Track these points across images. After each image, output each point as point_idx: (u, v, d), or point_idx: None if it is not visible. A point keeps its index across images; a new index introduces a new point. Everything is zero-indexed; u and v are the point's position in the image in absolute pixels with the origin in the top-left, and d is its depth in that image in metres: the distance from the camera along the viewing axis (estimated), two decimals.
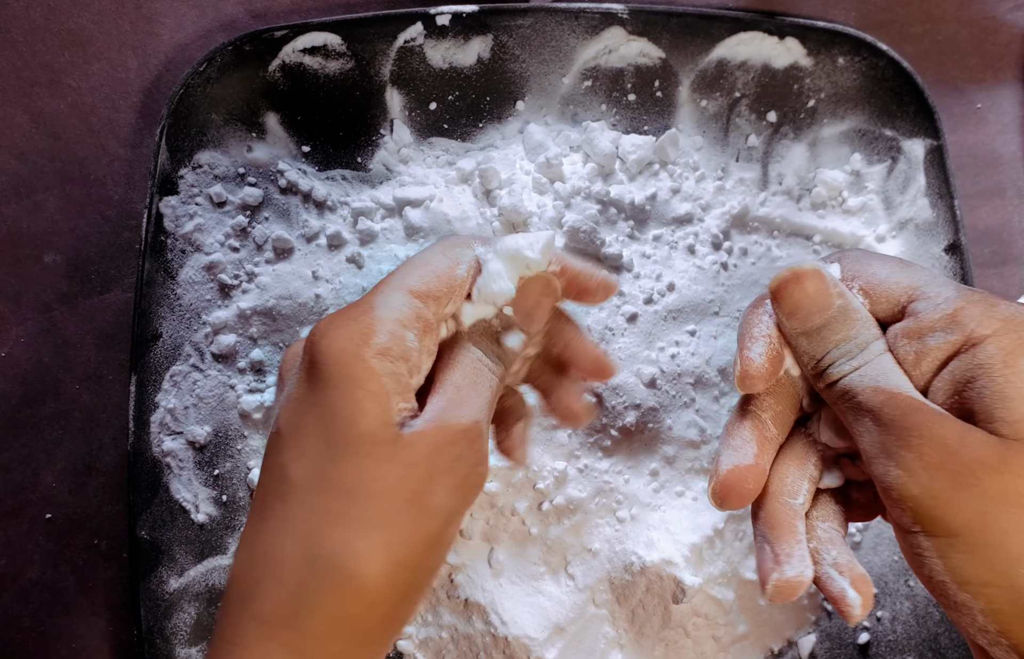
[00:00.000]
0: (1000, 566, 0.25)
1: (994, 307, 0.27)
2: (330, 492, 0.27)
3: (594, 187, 0.43)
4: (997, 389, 0.26)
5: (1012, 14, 0.47)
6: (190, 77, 0.44)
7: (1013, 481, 0.25)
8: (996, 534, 0.25)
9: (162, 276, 0.44)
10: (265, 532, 0.27)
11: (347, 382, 0.27)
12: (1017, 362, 0.26)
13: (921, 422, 0.27)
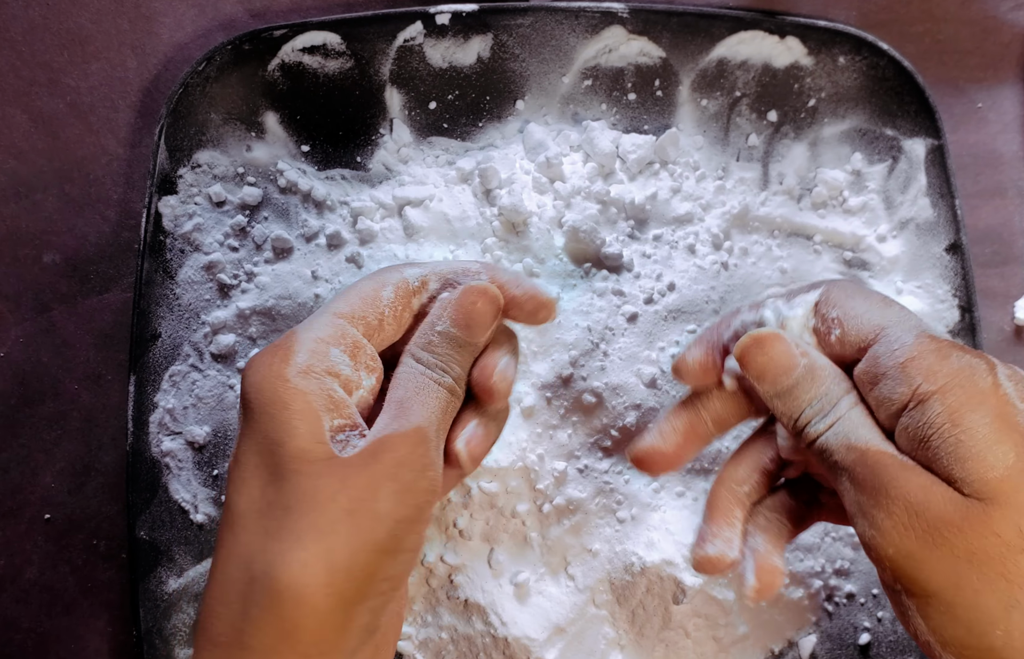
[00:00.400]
0: (977, 627, 0.25)
1: (944, 360, 0.28)
2: (269, 513, 0.27)
3: (594, 187, 0.43)
4: (950, 449, 0.26)
5: (1013, 13, 0.47)
6: (189, 76, 0.44)
7: (978, 540, 0.25)
8: (970, 594, 0.25)
9: (161, 276, 0.44)
10: (216, 562, 0.28)
11: (273, 406, 0.28)
12: (964, 420, 0.26)
13: (889, 481, 0.27)
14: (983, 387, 0.27)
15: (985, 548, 0.25)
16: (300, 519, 0.27)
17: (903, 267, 0.45)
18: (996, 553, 0.25)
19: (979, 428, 0.26)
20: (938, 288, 0.44)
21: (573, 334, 0.42)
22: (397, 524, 0.28)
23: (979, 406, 0.27)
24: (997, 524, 0.25)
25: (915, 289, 0.44)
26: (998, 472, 0.26)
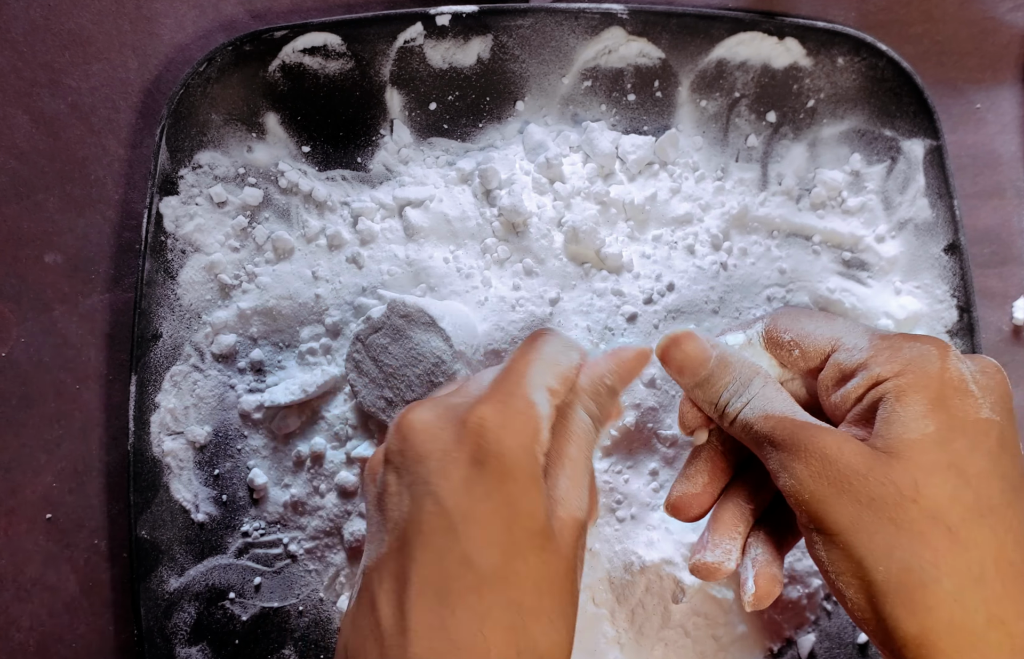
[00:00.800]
0: (865, 563, 0.28)
1: (899, 351, 0.31)
2: (522, 586, 0.28)
3: (594, 187, 0.43)
4: (885, 415, 0.30)
5: (1011, 14, 0.47)
6: (190, 77, 0.44)
7: (878, 487, 0.29)
8: (864, 534, 0.29)
9: (162, 276, 0.44)
10: (461, 621, 0.27)
11: (527, 478, 0.29)
12: (907, 396, 0.30)
13: (806, 437, 0.31)
14: (930, 371, 0.30)
15: (882, 494, 0.29)
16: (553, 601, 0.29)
17: (902, 267, 0.45)
18: (891, 500, 0.28)
19: (915, 404, 0.30)
20: (937, 288, 0.44)
21: (573, 334, 0.42)
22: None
23: (923, 388, 0.30)
24: (896, 474, 0.29)
25: (914, 289, 0.45)
26: (911, 436, 0.29)
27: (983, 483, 0.29)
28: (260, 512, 0.44)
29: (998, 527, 0.28)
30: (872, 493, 0.29)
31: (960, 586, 0.27)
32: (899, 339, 0.32)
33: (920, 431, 0.29)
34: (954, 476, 0.29)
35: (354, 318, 0.43)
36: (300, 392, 0.43)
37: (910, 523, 0.28)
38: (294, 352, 0.44)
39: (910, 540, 0.28)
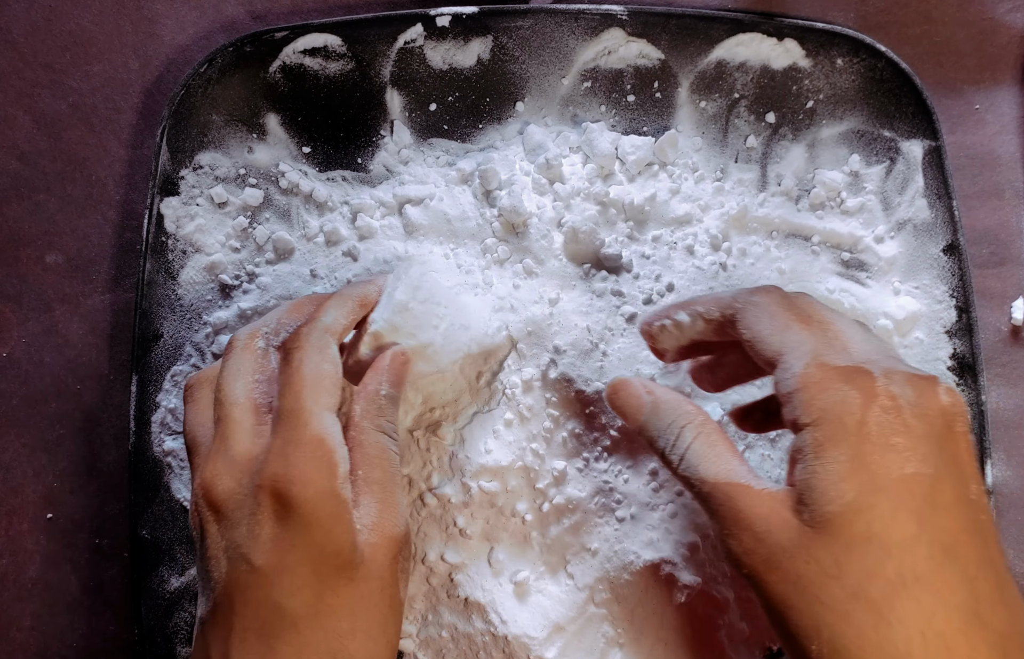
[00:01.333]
0: (798, 641, 0.28)
1: (823, 393, 0.29)
2: (337, 615, 0.31)
3: (594, 188, 0.44)
4: (806, 479, 0.29)
5: (1010, 15, 0.48)
6: (191, 78, 0.44)
7: (803, 567, 0.28)
8: (795, 613, 0.28)
9: (163, 277, 0.44)
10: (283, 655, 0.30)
11: (328, 521, 0.31)
12: (824, 453, 0.29)
13: (735, 511, 0.30)
14: (849, 424, 0.29)
15: (807, 573, 0.28)
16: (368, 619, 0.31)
17: (901, 268, 0.45)
18: (815, 579, 0.28)
19: (833, 463, 0.28)
20: (935, 289, 0.44)
21: (572, 334, 0.42)
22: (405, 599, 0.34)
23: (840, 442, 0.28)
24: (818, 551, 0.28)
25: (912, 290, 0.45)
26: (834, 508, 0.28)
27: (907, 551, 0.27)
28: None
29: (924, 598, 0.27)
30: (798, 571, 0.28)
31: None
32: (831, 378, 0.30)
33: (840, 501, 0.28)
34: (875, 548, 0.27)
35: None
36: None
37: (834, 602, 0.27)
38: None
39: (835, 619, 0.27)
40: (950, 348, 0.44)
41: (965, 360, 0.44)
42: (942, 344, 0.44)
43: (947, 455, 0.29)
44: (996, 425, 0.45)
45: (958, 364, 0.44)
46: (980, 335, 0.44)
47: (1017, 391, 0.46)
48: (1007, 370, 0.46)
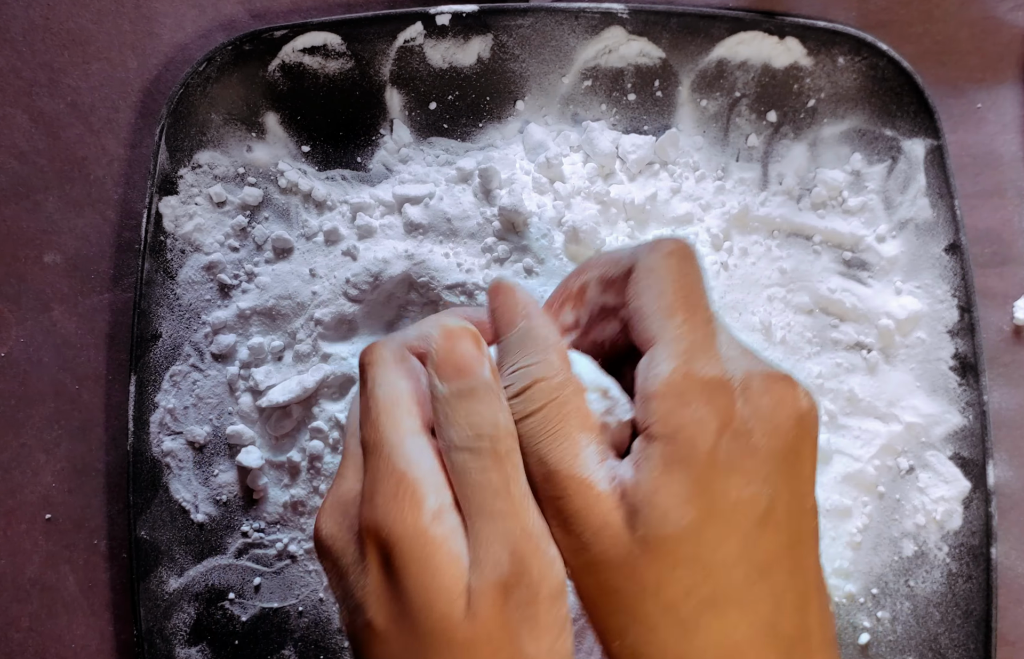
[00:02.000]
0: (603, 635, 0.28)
1: (683, 407, 0.27)
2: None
3: (594, 187, 0.43)
4: (646, 491, 0.27)
5: (1012, 14, 0.47)
6: (190, 77, 0.44)
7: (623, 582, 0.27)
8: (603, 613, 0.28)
9: (162, 276, 0.44)
10: None
11: (415, 565, 0.27)
12: (672, 473, 0.27)
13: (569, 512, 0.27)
14: (701, 448, 0.27)
15: (624, 588, 0.27)
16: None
17: (902, 267, 0.45)
18: (631, 594, 0.27)
19: (677, 485, 0.27)
20: (937, 288, 0.44)
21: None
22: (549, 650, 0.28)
23: (689, 465, 0.27)
24: (643, 571, 0.27)
25: (914, 289, 0.44)
26: (670, 530, 0.27)
27: (726, 572, 0.27)
28: (260, 512, 0.44)
29: (730, 614, 0.27)
30: (617, 585, 0.27)
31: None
32: (694, 391, 0.27)
33: (677, 524, 0.27)
34: (698, 569, 0.27)
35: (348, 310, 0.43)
36: (299, 389, 0.43)
37: (645, 616, 0.27)
38: (292, 352, 0.44)
39: (642, 631, 0.27)
40: (952, 348, 0.44)
41: (967, 360, 0.43)
42: (944, 344, 0.44)
43: (791, 470, 0.28)
44: (998, 425, 0.45)
45: (960, 364, 0.44)
46: (982, 335, 0.43)
47: (1019, 391, 0.46)
48: (1009, 370, 0.46)
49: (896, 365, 0.44)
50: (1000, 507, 0.44)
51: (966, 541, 0.43)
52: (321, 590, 0.43)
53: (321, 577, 0.43)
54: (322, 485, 0.43)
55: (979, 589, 0.42)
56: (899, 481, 0.44)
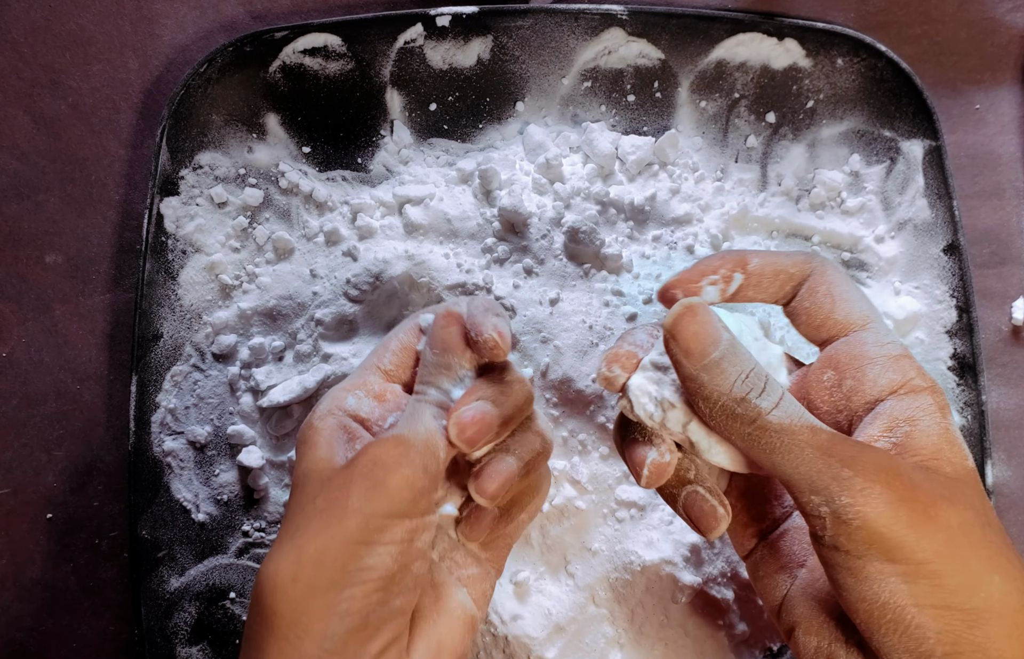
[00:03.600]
0: (963, 590, 0.27)
1: (923, 368, 0.31)
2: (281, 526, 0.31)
3: (594, 188, 0.44)
4: (939, 436, 0.29)
5: (1011, 15, 0.47)
6: (191, 78, 0.44)
7: (966, 513, 0.27)
8: (959, 562, 0.27)
9: (163, 277, 0.44)
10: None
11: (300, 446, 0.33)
12: (948, 416, 0.30)
13: (879, 459, 0.28)
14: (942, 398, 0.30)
15: (970, 520, 0.27)
16: (287, 525, 0.30)
17: (901, 268, 0.45)
18: (978, 524, 0.27)
19: (955, 429, 0.30)
20: (936, 288, 0.44)
21: (573, 334, 0.42)
22: (368, 517, 0.29)
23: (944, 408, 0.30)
24: (974, 499, 0.28)
25: (913, 290, 0.45)
26: (971, 464, 0.29)
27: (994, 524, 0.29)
28: (260, 512, 0.44)
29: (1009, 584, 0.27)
30: (961, 520, 0.27)
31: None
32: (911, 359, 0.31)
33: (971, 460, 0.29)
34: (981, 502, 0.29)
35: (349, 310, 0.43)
36: (300, 390, 0.43)
37: (995, 547, 0.27)
38: (292, 352, 0.44)
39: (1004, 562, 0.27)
40: (950, 348, 0.44)
41: (965, 360, 0.43)
42: (942, 344, 0.44)
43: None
44: (996, 425, 0.45)
45: (958, 364, 0.44)
46: (980, 335, 0.43)
47: (1017, 391, 0.46)
48: (1007, 370, 0.46)
49: None
50: (999, 507, 0.44)
51: None
52: None
53: None
54: None
55: None
56: None
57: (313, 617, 0.28)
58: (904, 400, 0.30)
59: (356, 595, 0.29)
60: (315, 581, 0.28)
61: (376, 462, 0.30)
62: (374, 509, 0.29)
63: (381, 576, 0.29)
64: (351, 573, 0.29)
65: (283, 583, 0.28)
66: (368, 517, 0.29)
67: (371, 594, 0.29)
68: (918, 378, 0.30)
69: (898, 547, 0.27)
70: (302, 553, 0.29)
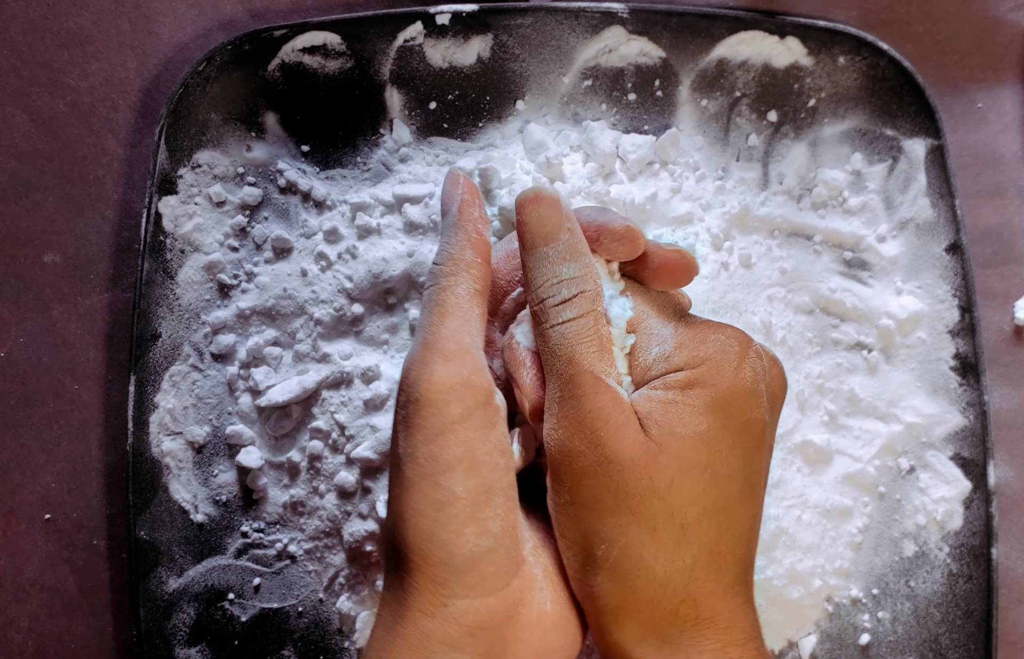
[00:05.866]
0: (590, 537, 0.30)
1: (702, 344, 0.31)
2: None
3: (594, 187, 0.43)
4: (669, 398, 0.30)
5: (1013, 13, 0.47)
6: (189, 76, 0.44)
7: (632, 483, 0.29)
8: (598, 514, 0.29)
9: (161, 276, 0.44)
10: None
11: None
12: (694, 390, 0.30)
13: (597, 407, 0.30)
14: (725, 371, 0.30)
15: (633, 490, 0.29)
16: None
17: (903, 267, 0.45)
18: (639, 494, 0.29)
19: (697, 399, 0.30)
20: (938, 288, 0.44)
21: None
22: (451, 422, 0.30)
23: (712, 385, 0.30)
24: (655, 471, 0.29)
25: (915, 289, 0.44)
26: (685, 432, 0.30)
27: (728, 484, 0.30)
28: (259, 513, 0.44)
29: (722, 523, 0.30)
30: (622, 485, 0.29)
31: (669, 574, 0.29)
32: (704, 329, 0.31)
33: (692, 428, 0.30)
34: (707, 477, 0.30)
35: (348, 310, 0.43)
36: (299, 389, 0.43)
37: (648, 516, 0.29)
38: (291, 351, 0.44)
39: (641, 532, 0.29)
40: (952, 348, 0.44)
41: (967, 360, 0.43)
42: (944, 344, 0.44)
43: (775, 410, 0.33)
44: (998, 425, 0.45)
45: (960, 364, 0.44)
46: (983, 335, 0.43)
47: (1020, 391, 0.45)
48: (1010, 370, 0.46)
49: (896, 365, 0.44)
50: (1001, 507, 0.44)
51: (967, 541, 0.43)
52: (321, 590, 0.43)
53: (321, 577, 0.43)
54: (322, 485, 0.43)
55: (980, 589, 0.42)
56: (900, 481, 0.44)
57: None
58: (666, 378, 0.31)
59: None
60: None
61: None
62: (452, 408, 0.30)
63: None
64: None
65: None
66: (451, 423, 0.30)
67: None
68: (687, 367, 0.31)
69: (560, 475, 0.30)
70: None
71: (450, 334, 0.30)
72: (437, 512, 0.29)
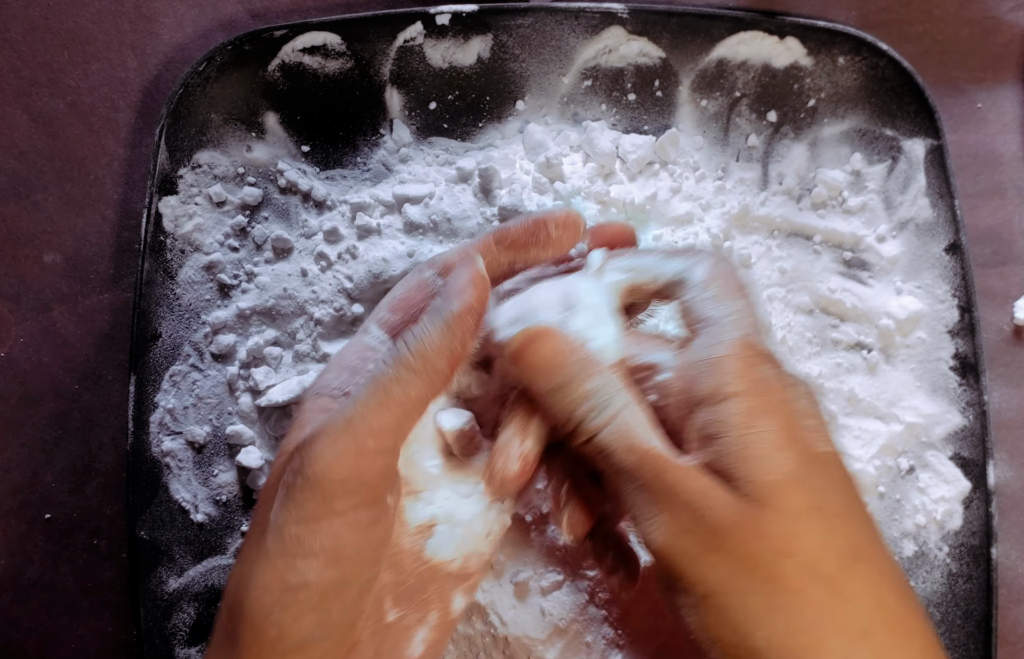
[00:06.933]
0: (743, 628, 0.26)
1: (752, 368, 0.28)
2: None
3: (594, 187, 0.43)
4: (736, 449, 0.27)
5: (1012, 14, 0.47)
6: (189, 77, 0.44)
7: (752, 544, 0.26)
8: (739, 596, 0.26)
9: (161, 276, 0.44)
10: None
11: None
12: (756, 423, 0.27)
13: (672, 484, 0.27)
14: (778, 398, 0.28)
15: (757, 551, 0.26)
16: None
17: (902, 267, 0.45)
18: (765, 557, 0.26)
19: (767, 433, 0.27)
20: (937, 288, 0.44)
21: None
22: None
23: (772, 414, 0.28)
24: (767, 527, 0.26)
25: (915, 289, 0.44)
26: (774, 477, 0.27)
27: (845, 524, 0.27)
28: None
29: (870, 572, 0.27)
30: (746, 550, 0.26)
31: (849, 644, 0.25)
32: (760, 358, 0.29)
33: (781, 470, 0.27)
34: (819, 520, 0.27)
35: (348, 310, 0.43)
36: (299, 389, 0.43)
37: (787, 580, 0.26)
38: (291, 351, 0.44)
39: (789, 599, 0.26)
40: (952, 348, 0.44)
41: (967, 360, 0.43)
42: (944, 344, 0.44)
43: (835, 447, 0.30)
44: (998, 425, 0.45)
45: (960, 364, 0.44)
46: (982, 335, 0.43)
47: (1019, 391, 0.45)
48: (1009, 370, 0.46)
49: (896, 365, 0.44)
50: (1000, 507, 0.44)
51: (966, 541, 0.43)
52: None
53: None
54: None
55: (979, 589, 0.42)
56: (899, 481, 0.44)
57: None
58: (714, 410, 0.28)
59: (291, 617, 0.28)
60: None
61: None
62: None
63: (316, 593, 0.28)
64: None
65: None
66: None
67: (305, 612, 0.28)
68: (732, 383, 0.28)
69: (680, 577, 0.27)
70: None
71: (379, 430, 0.28)
72: (283, 593, 0.27)
